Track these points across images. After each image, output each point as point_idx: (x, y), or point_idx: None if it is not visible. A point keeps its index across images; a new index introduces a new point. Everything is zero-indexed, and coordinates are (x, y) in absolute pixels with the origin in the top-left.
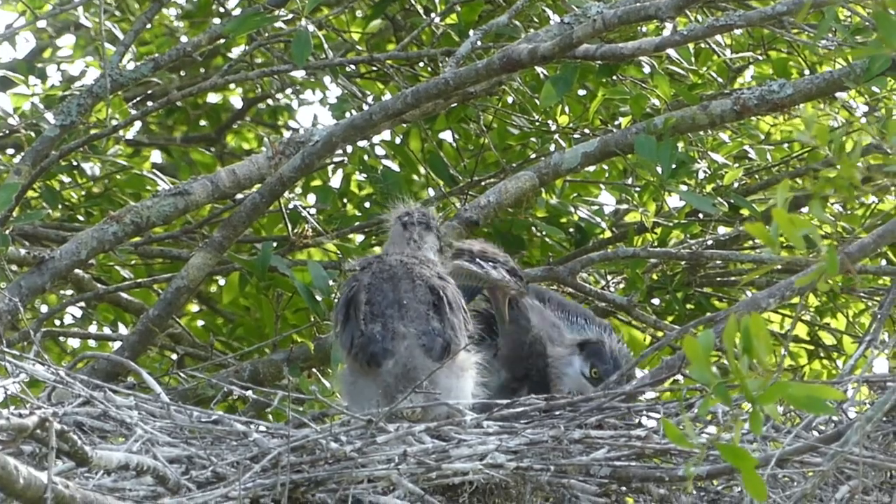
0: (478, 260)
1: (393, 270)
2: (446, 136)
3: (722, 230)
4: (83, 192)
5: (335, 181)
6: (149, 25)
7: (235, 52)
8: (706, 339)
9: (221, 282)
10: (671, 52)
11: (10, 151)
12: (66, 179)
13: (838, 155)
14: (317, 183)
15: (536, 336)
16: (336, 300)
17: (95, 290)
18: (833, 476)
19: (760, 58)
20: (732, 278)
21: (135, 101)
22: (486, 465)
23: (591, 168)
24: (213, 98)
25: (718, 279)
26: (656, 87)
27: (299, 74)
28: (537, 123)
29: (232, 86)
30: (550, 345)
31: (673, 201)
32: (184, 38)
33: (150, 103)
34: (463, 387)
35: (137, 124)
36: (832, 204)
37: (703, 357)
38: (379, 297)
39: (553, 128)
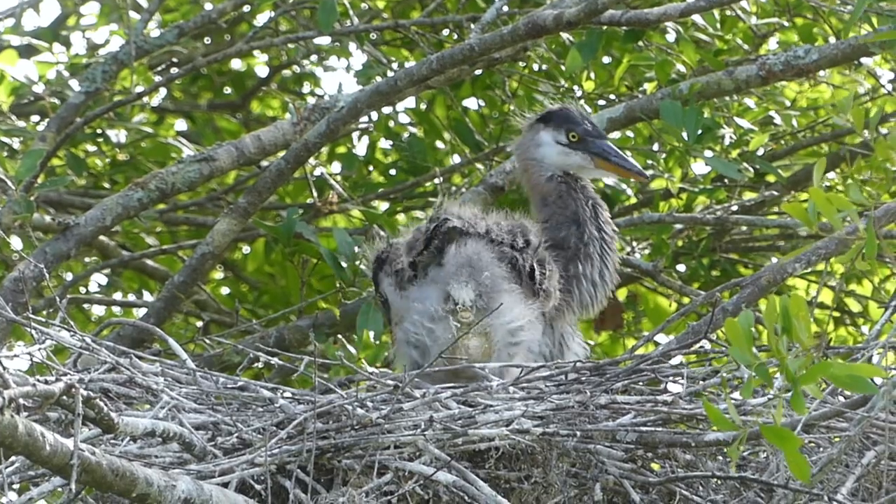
0: None
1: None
2: (471, 103)
3: (747, 196)
4: (108, 160)
5: (360, 148)
6: None
7: (261, 20)
8: (746, 321)
9: (246, 250)
10: (697, 18)
11: (35, 118)
12: (92, 148)
13: (873, 136)
14: (342, 150)
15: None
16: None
17: (120, 258)
18: (859, 441)
19: (786, 24)
20: (758, 244)
21: (160, 68)
22: (512, 431)
23: (617, 134)
24: (237, 65)
25: (744, 245)
26: (682, 52)
27: (324, 41)
28: (563, 89)
29: (257, 53)
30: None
31: (698, 167)
32: (208, 5)
33: (174, 70)
34: (530, 326)
35: (162, 92)
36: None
37: (744, 338)
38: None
39: (578, 94)
